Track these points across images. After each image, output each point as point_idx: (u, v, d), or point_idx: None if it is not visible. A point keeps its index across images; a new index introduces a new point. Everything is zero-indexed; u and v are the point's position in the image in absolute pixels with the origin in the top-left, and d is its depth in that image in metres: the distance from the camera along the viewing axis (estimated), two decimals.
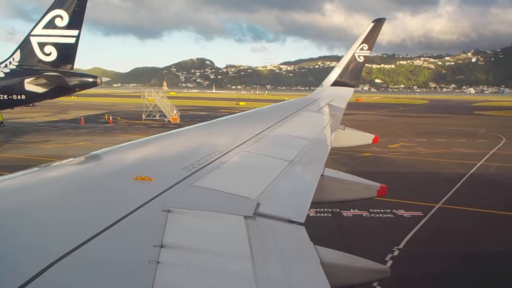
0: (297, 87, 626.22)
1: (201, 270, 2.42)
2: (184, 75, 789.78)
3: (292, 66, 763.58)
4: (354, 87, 14.87)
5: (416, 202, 20.07)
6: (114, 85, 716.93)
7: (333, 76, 14.84)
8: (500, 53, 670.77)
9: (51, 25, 35.80)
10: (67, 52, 36.51)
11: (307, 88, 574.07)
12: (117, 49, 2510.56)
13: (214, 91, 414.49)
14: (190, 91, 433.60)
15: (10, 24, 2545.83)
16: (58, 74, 33.93)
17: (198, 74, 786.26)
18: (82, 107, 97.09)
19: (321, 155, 6.29)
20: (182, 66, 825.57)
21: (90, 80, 37.56)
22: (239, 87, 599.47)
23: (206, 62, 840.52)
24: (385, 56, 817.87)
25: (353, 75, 14.61)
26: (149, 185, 3.61)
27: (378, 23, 14.03)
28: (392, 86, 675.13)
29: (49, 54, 35.95)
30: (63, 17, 35.99)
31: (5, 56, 36.09)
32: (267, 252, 2.71)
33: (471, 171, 28.01)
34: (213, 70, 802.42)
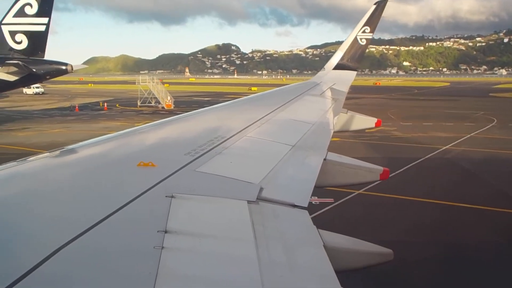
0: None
1: (205, 254, 2.43)
2: (210, 60, 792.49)
3: (318, 50, 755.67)
4: (356, 70, 14.51)
5: (337, 189, 19.51)
6: (142, 72, 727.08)
7: (335, 59, 14.58)
8: None
9: (21, 13, 36.04)
10: (37, 40, 36.75)
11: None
12: (142, 36, 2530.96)
13: (236, 76, 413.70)
14: (212, 77, 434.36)
15: None
16: (18, 62, 34.16)
17: (224, 59, 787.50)
18: (91, 94, 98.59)
19: (324, 139, 6.26)
20: (207, 52, 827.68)
21: (62, 67, 37.73)
22: (265, 72, 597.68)
23: (232, 47, 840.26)
24: (413, 37, 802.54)
25: (356, 58, 14.29)
26: (152, 171, 3.63)
27: (380, 5, 13.75)
28: (421, 69, 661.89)
29: (20, 42, 36.24)
30: (32, 5, 36.20)
31: None
32: (270, 237, 2.72)
33: (427, 156, 27.17)
34: (238, 56, 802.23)
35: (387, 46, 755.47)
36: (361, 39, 13.91)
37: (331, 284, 2.32)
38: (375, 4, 13.88)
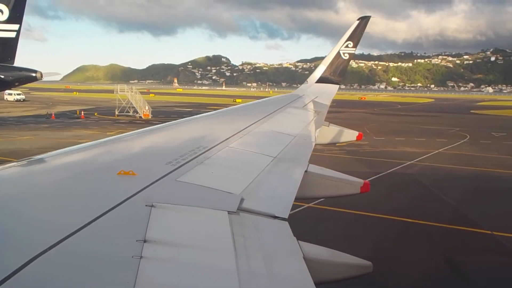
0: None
1: (184, 265, 2.41)
2: (200, 72, 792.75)
3: (308, 64, 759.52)
4: (339, 84, 14.64)
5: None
6: (131, 81, 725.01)
7: (318, 73, 14.68)
8: None
9: None
10: (7, 47, 36.26)
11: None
12: (133, 46, 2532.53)
13: (224, 88, 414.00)
14: (200, 88, 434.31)
15: (26, 21, 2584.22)
16: None
17: (214, 71, 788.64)
18: (74, 102, 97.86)
19: (306, 151, 6.31)
20: (198, 63, 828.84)
21: (31, 74, 37.27)
22: (254, 84, 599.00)
23: (222, 59, 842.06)
24: (402, 54, 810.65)
25: (338, 72, 14.40)
26: (133, 180, 3.60)
27: (363, 20, 13.92)
28: (409, 85, 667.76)
29: None
30: (3, 11, 35.80)
31: (25, 53, 36.17)
32: (250, 248, 2.70)
33: (389, 171, 27.17)
34: (228, 68, 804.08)
35: (376, 62, 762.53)
36: (344, 53, 14.04)
37: None
38: (358, 19, 14.07)
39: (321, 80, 14.52)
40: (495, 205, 20.20)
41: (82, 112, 64.44)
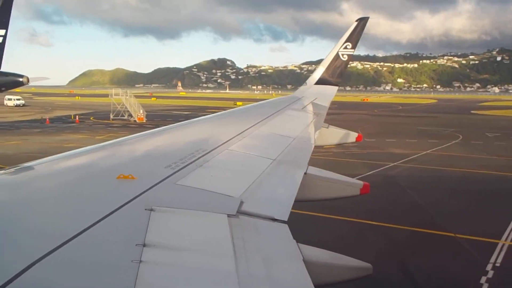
0: None
1: (184, 269, 2.42)
2: (205, 75, 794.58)
3: (313, 66, 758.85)
4: (338, 85, 14.50)
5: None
6: (137, 85, 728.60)
7: (317, 74, 14.55)
8: None
9: None
10: None
11: None
12: (138, 50, 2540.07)
13: (227, 91, 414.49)
14: (204, 91, 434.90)
15: (31, 26, 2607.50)
16: None
17: (219, 74, 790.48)
18: (73, 107, 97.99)
19: (305, 153, 6.33)
20: (203, 66, 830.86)
21: (18, 79, 37.50)
22: (259, 87, 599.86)
23: (227, 62, 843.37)
24: (408, 55, 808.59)
25: (337, 74, 14.28)
26: (132, 184, 3.59)
27: (362, 22, 13.86)
28: (414, 86, 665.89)
29: None
30: None
31: (31, 58, 36.33)
32: (250, 251, 2.69)
33: (370, 173, 26.89)
34: (234, 71, 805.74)
35: (382, 63, 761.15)
36: (342, 55, 13.96)
37: None
38: (356, 20, 14.01)
39: (320, 81, 14.44)
40: (465, 207, 19.99)
41: (77, 117, 64.56)
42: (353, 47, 13.86)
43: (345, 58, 14.04)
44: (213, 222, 3.13)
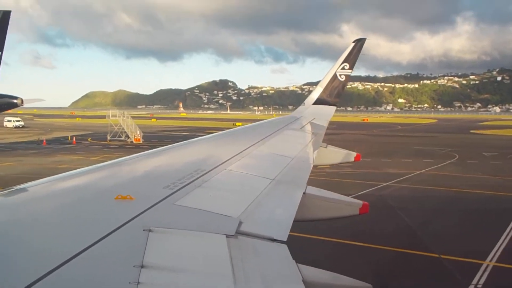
0: None
1: None
2: (207, 96, 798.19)
3: (314, 86, 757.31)
4: (335, 105, 14.66)
5: None
6: (139, 106, 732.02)
7: (315, 94, 14.75)
8: None
9: None
10: None
11: None
12: (140, 72, 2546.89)
13: (228, 111, 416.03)
14: (205, 112, 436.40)
15: (35, 49, 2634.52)
16: None
17: (220, 95, 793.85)
18: (73, 128, 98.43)
19: (304, 173, 6.31)
20: (204, 88, 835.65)
21: (12, 101, 37.62)
22: (261, 107, 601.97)
23: (229, 83, 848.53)
24: (408, 75, 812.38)
25: (335, 94, 14.44)
26: (130, 204, 3.58)
27: (359, 42, 14.06)
28: (415, 106, 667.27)
29: None
30: None
31: (34, 80, 36.45)
32: (249, 271, 2.67)
33: (361, 192, 26.61)
34: (235, 92, 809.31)
35: (382, 84, 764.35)
36: (340, 75, 14.05)
37: None
38: (354, 41, 14.14)
39: (318, 101, 14.56)
40: (452, 227, 19.75)
41: (74, 138, 64.64)
42: (351, 68, 13.97)
43: (343, 78, 14.15)
44: (212, 243, 3.12)
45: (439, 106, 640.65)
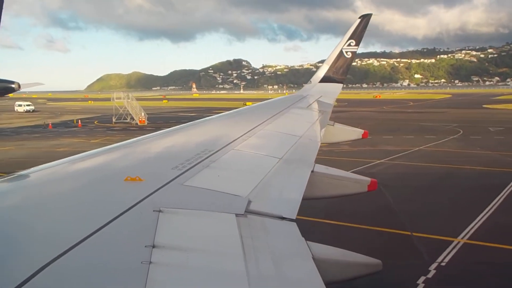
0: None
1: (193, 269, 2.43)
2: (221, 76, 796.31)
3: None
4: (342, 82, 14.62)
5: None
6: (154, 88, 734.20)
7: (321, 72, 14.66)
8: None
9: None
10: None
11: (344, 85, 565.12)
12: (153, 53, 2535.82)
13: (242, 91, 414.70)
14: (218, 92, 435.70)
15: (48, 33, 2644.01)
16: None
17: (235, 75, 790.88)
18: (83, 111, 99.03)
19: (311, 151, 6.34)
20: (218, 67, 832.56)
21: (9, 85, 37.87)
22: (276, 87, 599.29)
23: (243, 63, 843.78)
24: (425, 50, 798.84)
25: (341, 71, 14.33)
26: (140, 186, 3.64)
27: (365, 18, 13.84)
28: (432, 81, 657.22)
29: None
30: None
31: (48, 65, 36.80)
32: (259, 250, 2.72)
33: (351, 170, 26.42)
34: (249, 71, 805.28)
35: (398, 59, 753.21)
36: (346, 52, 13.91)
37: None
38: (359, 17, 13.91)
39: (324, 79, 14.45)
40: (433, 205, 19.44)
41: (79, 121, 65.08)
42: (357, 44, 13.76)
43: (349, 55, 13.97)
44: (222, 222, 3.14)
45: (456, 81, 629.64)
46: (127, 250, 2.52)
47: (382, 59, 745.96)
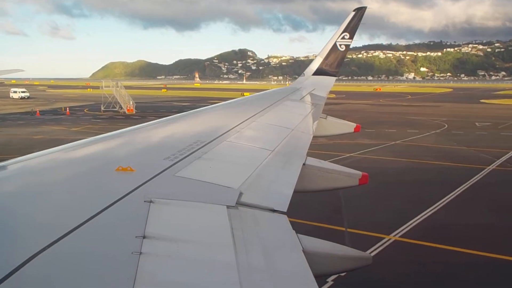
0: (340, 77, 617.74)
1: (183, 260, 2.42)
2: (226, 66, 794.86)
3: None
4: (335, 76, 14.42)
5: None
6: (159, 77, 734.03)
7: (314, 65, 14.49)
8: None
9: None
10: None
11: (349, 77, 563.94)
12: (158, 42, 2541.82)
13: (244, 81, 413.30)
14: (221, 82, 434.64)
15: (53, 20, 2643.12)
16: None
17: (240, 65, 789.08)
18: (78, 99, 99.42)
19: (303, 144, 6.36)
20: (224, 57, 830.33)
21: None
22: (280, 77, 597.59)
23: (248, 53, 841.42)
24: (431, 43, 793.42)
25: (335, 64, 14.16)
26: (131, 176, 3.61)
27: (359, 11, 13.61)
28: (438, 75, 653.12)
29: None
30: None
31: (54, 51, 36.68)
32: (249, 242, 2.72)
33: None
34: (255, 61, 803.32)
35: (404, 52, 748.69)
36: (340, 45, 13.74)
37: None
38: (354, 10, 13.72)
39: (318, 72, 14.31)
40: (380, 201, 19.20)
41: (67, 109, 65.02)
42: (351, 37, 13.56)
43: (343, 48, 13.79)
44: (213, 214, 3.13)
45: (462, 75, 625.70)
46: (118, 240, 2.50)
47: (388, 52, 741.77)
